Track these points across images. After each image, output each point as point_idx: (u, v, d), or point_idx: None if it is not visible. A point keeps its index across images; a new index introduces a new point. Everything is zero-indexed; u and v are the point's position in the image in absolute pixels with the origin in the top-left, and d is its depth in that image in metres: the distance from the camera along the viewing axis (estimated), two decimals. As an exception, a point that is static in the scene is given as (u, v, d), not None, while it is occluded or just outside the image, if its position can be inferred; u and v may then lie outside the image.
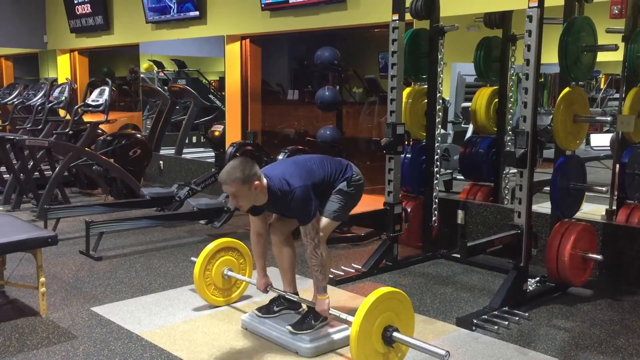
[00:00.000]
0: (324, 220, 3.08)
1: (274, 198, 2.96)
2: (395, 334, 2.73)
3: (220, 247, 3.63)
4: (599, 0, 4.01)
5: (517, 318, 3.46)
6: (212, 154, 7.21)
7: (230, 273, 3.62)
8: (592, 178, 4.31)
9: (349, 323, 2.76)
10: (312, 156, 3.24)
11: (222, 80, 8.23)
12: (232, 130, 7.35)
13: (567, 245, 3.76)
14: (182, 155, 8.26)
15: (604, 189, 4.13)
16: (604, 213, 4.50)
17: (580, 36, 3.78)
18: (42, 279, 3.45)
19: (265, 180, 2.92)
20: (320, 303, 3.03)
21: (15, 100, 7.75)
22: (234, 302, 3.69)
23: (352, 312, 3.58)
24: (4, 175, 6.75)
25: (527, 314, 3.52)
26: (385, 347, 2.74)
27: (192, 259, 3.69)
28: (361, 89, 8.80)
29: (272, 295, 3.37)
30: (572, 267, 3.79)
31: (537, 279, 3.97)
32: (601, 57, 3.97)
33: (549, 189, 3.94)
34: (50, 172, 6.47)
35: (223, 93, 7.74)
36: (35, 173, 6.53)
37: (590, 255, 3.87)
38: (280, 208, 3.07)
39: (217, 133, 6.91)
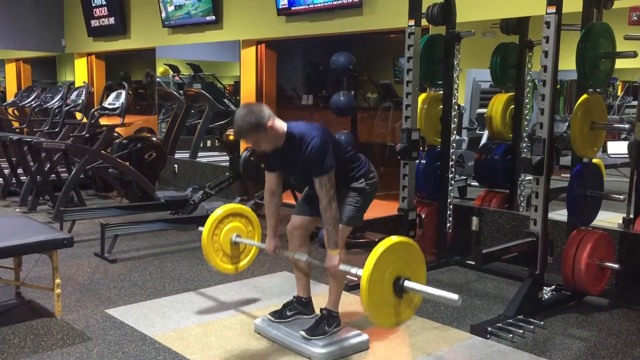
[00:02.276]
0: (339, 227, 3.06)
1: (292, 144, 2.90)
2: (406, 282, 2.67)
3: (228, 212, 3.51)
4: (618, 6, 3.98)
5: (532, 327, 3.43)
6: (227, 158, 7.24)
7: (238, 239, 3.50)
8: (609, 186, 4.27)
9: (358, 277, 2.68)
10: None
11: (237, 85, 8.26)
12: (247, 135, 7.36)
13: (584, 254, 3.72)
14: (197, 159, 8.30)
15: (621, 197, 4.08)
16: (621, 221, 4.45)
17: (598, 43, 3.74)
18: (58, 281, 3.47)
19: (278, 122, 2.90)
20: (330, 258, 2.95)
21: (33, 103, 7.83)
22: (243, 269, 3.61)
23: (365, 318, 3.58)
24: (21, 177, 6.82)
25: (542, 323, 3.48)
26: (397, 297, 2.69)
27: (200, 228, 3.61)
28: (376, 94, 8.80)
29: (285, 300, 3.37)
30: (589, 276, 3.75)
31: (553, 287, 3.93)
32: (619, 64, 3.94)
33: (565, 196, 3.91)
34: (67, 175, 6.53)
35: (238, 97, 7.77)
36: (52, 175, 6.59)
37: (607, 264, 3.82)
38: (296, 161, 2.96)
39: (231, 137, 6.93)
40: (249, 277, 4.31)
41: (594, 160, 4.03)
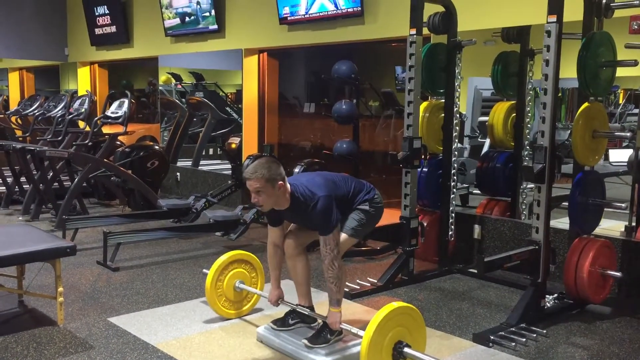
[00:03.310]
0: (342, 236, 3.08)
1: (296, 205, 2.97)
2: (406, 349, 2.71)
3: (233, 259, 3.64)
4: (618, 15, 4.00)
5: (534, 335, 3.42)
6: (229, 166, 7.26)
7: (241, 285, 3.62)
8: (611, 194, 4.27)
9: (359, 337, 2.74)
10: (337, 173, 3.28)
11: (239, 93, 8.28)
12: (249, 143, 7.39)
13: (586, 262, 3.72)
14: (199, 167, 8.31)
15: (623, 205, 4.09)
16: (623, 229, 4.45)
17: (599, 51, 3.76)
18: (60, 289, 3.48)
19: (288, 185, 2.95)
20: (331, 315, 3.03)
21: (36, 111, 7.87)
22: (245, 315, 3.69)
23: (366, 326, 3.58)
24: (24, 186, 6.84)
25: (545, 331, 3.48)
26: None
27: (204, 270, 3.71)
28: (377, 102, 8.82)
29: (287, 308, 3.37)
30: (591, 284, 3.75)
31: (555, 295, 3.93)
32: (620, 72, 3.95)
33: (567, 204, 3.91)
34: (70, 183, 6.55)
35: (240, 105, 7.80)
36: (55, 183, 6.61)
37: (609, 272, 3.82)
38: (301, 216, 3.08)
39: (233, 145, 6.96)
40: (251, 285, 4.32)
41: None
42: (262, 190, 2.89)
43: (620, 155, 5.38)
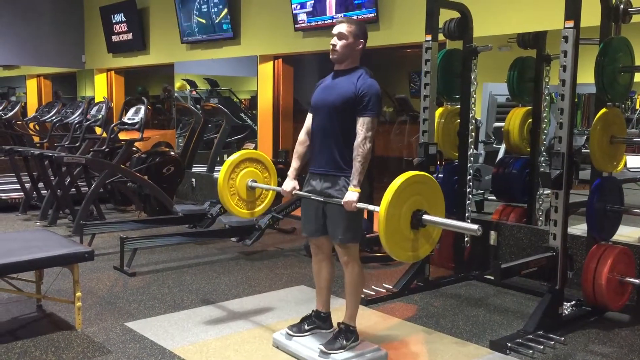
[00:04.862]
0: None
1: (348, 76, 3.05)
2: (425, 216, 2.67)
3: (245, 157, 3.52)
4: (636, 20, 3.97)
5: (552, 342, 3.39)
6: (244, 172, 7.28)
7: (254, 184, 3.51)
8: (629, 200, 4.23)
9: (376, 213, 2.67)
10: None
11: (253, 99, 8.32)
12: (264, 149, 7.42)
13: (604, 269, 3.69)
14: (214, 173, 8.35)
15: (642, 211, 4.05)
16: (641, 236, 4.41)
17: (617, 57, 3.74)
18: (79, 294, 3.51)
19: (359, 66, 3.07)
20: (350, 194, 2.91)
21: (53, 118, 7.96)
22: (257, 215, 3.67)
23: (383, 333, 3.57)
24: (42, 191, 6.91)
25: (562, 339, 3.45)
26: (415, 231, 2.69)
27: (217, 168, 3.61)
28: (392, 108, 8.82)
29: (303, 314, 3.38)
30: (609, 291, 3.71)
31: (573, 302, 3.89)
32: (638, 77, 3.92)
33: (584, 210, 3.88)
34: (87, 189, 6.61)
35: (254, 112, 7.83)
36: (72, 189, 6.67)
37: (627, 279, 3.78)
38: (340, 90, 3.04)
39: (248, 151, 6.97)
40: (267, 290, 4.33)
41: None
42: (345, 37, 3.02)
43: (638, 161, 5.33)
